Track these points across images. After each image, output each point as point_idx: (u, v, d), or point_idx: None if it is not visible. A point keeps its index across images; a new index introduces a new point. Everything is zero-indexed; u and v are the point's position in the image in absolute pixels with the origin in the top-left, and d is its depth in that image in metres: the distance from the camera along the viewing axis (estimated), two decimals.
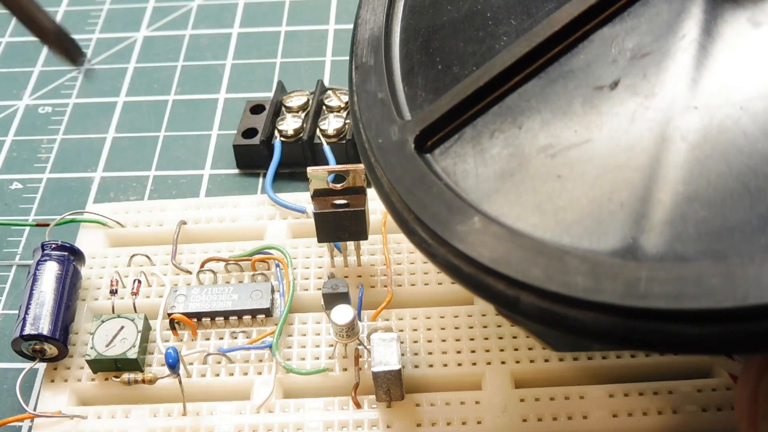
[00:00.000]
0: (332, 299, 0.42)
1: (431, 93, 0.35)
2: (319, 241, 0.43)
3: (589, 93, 0.32)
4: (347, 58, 0.60)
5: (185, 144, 0.56)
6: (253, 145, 0.53)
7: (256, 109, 0.55)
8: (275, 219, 0.48)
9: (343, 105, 0.53)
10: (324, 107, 0.54)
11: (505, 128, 0.33)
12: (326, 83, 0.59)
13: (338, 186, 0.42)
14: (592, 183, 0.29)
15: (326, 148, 0.51)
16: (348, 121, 0.52)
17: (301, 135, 0.52)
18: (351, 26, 0.62)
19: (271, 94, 0.55)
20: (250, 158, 0.53)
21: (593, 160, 0.30)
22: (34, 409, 0.41)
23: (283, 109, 0.54)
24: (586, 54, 0.33)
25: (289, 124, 0.52)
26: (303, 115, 0.53)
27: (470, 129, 0.34)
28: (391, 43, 0.38)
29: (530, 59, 0.34)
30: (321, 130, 0.52)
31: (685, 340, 0.25)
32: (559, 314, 0.27)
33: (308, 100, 0.54)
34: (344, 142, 0.52)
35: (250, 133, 0.53)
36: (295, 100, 0.54)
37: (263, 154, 0.52)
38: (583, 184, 0.30)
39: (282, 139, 0.52)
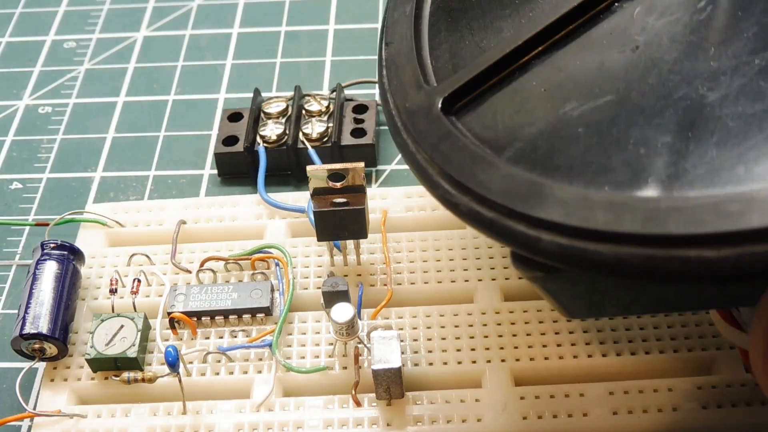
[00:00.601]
0: (332, 297, 0.42)
1: (458, 65, 0.36)
2: (319, 239, 0.43)
3: (612, 56, 0.33)
4: (347, 58, 0.61)
5: (185, 144, 0.56)
6: (236, 152, 0.52)
7: (234, 116, 0.54)
8: (275, 218, 0.48)
9: (323, 109, 0.53)
10: (304, 112, 0.53)
11: (529, 91, 0.34)
12: (326, 83, 0.59)
13: (338, 184, 0.42)
14: (614, 134, 0.30)
15: (312, 152, 0.51)
16: (331, 124, 0.52)
17: (285, 140, 0.52)
18: (351, 26, 0.63)
19: (250, 95, 0.55)
20: (232, 165, 0.53)
21: (615, 114, 0.31)
22: (34, 408, 0.41)
23: (263, 115, 0.54)
24: (608, 23, 0.34)
25: (272, 130, 0.52)
26: (284, 120, 0.53)
27: (497, 92, 0.35)
28: (421, 23, 0.39)
29: (554, 29, 0.35)
30: (304, 134, 0.52)
31: (703, 266, 0.26)
32: (579, 249, 0.28)
33: (287, 106, 0.54)
34: (329, 145, 0.52)
35: (230, 140, 0.53)
36: (273, 107, 0.53)
37: (246, 161, 0.52)
38: (604, 136, 0.30)
39: (265, 145, 0.52)
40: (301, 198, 0.49)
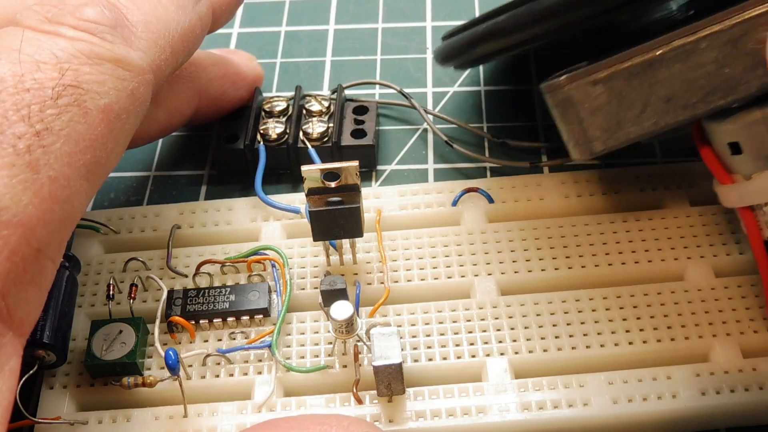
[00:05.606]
0: (330, 296, 0.42)
1: None
2: (315, 239, 0.43)
3: None
4: (347, 58, 0.61)
5: (185, 144, 0.57)
6: (236, 149, 0.52)
7: (235, 114, 0.54)
8: (269, 220, 0.48)
9: (324, 110, 0.53)
10: (305, 112, 0.53)
11: None
12: (326, 83, 0.59)
13: (332, 184, 0.42)
14: None
15: (312, 151, 0.51)
16: (331, 124, 0.52)
17: (286, 139, 0.52)
18: (351, 26, 0.63)
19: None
20: (231, 163, 0.53)
21: None
22: (34, 416, 0.41)
23: (263, 113, 0.53)
24: None
25: (273, 128, 0.52)
26: (284, 119, 0.53)
27: None
28: None
29: None
30: (305, 133, 0.52)
31: None
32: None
33: (288, 105, 0.54)
34: (329, 145, 0.51)
35: (230, 138, 0.53)
36: (274, 106, 0.53)
37: (246, 159, 0.52)
38: None
39: (265, 143, 0.52)
40: (296, 199, 0.49)
